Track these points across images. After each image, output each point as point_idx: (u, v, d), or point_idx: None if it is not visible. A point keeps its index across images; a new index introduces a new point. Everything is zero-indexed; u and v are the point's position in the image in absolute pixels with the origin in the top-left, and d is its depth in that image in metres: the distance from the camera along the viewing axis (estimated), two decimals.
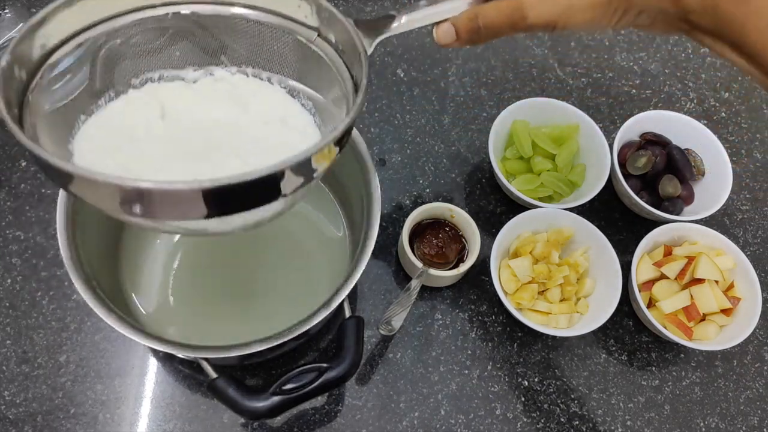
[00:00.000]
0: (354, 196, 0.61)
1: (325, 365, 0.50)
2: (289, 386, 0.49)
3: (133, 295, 0.62)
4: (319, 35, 0.44)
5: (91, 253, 0.54)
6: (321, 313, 0.50)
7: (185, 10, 0.44)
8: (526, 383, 0.64)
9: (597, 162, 0.70)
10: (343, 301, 0.51)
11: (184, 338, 0.53)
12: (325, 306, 0.51)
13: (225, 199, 0.33)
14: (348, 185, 0.62)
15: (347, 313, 0.53)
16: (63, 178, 0.33)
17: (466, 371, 0.64)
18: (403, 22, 0.44)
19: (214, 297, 0.63)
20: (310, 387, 0.49)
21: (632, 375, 0.66)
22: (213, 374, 0.50)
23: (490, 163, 0.68)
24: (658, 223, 0.68)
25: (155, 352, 0.62)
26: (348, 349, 0.51)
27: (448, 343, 0.65)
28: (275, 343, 0.49)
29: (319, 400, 0.61)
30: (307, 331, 0.50)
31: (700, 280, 0.63)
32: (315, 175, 0.36)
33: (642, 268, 0.66)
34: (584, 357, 0.66)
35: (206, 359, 0.50)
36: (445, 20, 0.45)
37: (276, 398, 0.48)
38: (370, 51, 0.42)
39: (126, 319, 0.49)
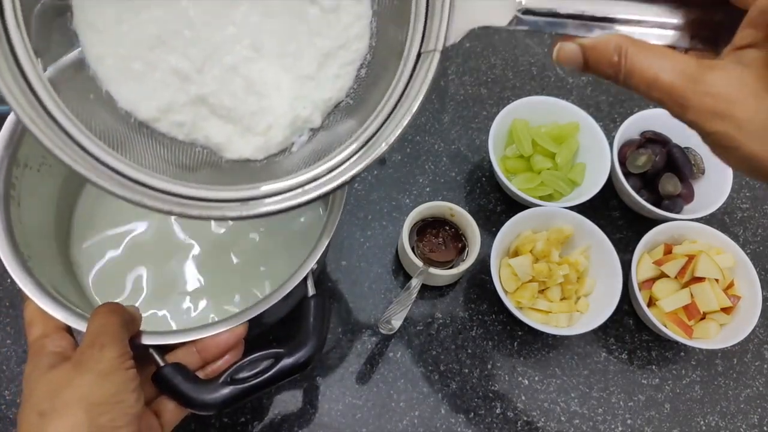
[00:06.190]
0: None
1: (281, 350, 0.45)
2: (242, 375, 0.44)
3: (88, 279, 0.57)
4: None
5: (30, 232, 0.49)
6: (276, 296, 0.46)
7: None
8: (527, 382, 0.64)
9: (597, 160, 0.70)
10: (306, 277, 0.46)
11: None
12: (281, 288, 0.46)
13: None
14: None
15: (310, 291, 0.48)
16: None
17: (466, 370, 0.64)
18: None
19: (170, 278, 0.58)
20: (264, 376, 0.44)
21: (632, 373, 0.66)
22: (161, 362, 0.44)
23: (490, 161, 0.68)
24: (658, 221, 0.68)
25: None
26: (308, 331, 0.45)
27: (448, 342, 0.65)
28: (227, 328, 0.45)
29: (319, 399, 0.61)
30: (262, 315, 0.46)
31: (700, 279, 0.63)
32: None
33: (642, 267, 0.66)
34: (584, 356, 0.66)
35: (153, 346, 0.45)
36: (572, 37, 0.35)
37: (227, 389, 0.43)
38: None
39: (65, 303, 0.45)
